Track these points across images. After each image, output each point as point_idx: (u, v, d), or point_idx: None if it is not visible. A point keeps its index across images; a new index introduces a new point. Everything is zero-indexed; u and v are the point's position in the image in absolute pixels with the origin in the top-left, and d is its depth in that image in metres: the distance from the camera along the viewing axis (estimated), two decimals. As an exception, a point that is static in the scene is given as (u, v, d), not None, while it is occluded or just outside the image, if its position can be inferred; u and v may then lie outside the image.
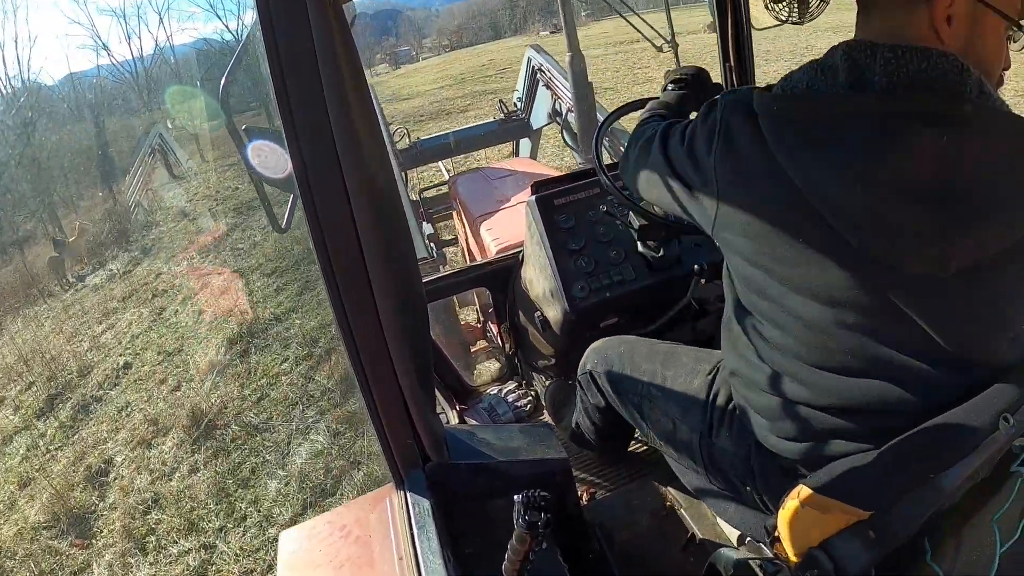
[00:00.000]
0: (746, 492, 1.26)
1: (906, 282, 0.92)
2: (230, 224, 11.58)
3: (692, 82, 1.62)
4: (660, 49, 3.29)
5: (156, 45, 24.28)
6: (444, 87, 20.94)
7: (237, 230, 11.14)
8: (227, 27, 25.35)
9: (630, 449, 2.00)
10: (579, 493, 1.79)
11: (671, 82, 1.64)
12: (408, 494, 1.14)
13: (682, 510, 1.66)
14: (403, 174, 4.85)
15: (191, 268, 9.53)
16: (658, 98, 1.63)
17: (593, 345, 1.70)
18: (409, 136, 5.49)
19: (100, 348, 7.63)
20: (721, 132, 1.02)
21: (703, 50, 12.60)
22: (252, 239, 10.41)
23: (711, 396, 1.32)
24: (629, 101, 1.80)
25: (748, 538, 1.36)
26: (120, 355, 7.12)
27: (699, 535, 1.59)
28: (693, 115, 1.15)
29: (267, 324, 6.64)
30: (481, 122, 6.05)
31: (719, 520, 1.51)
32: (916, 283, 0.92)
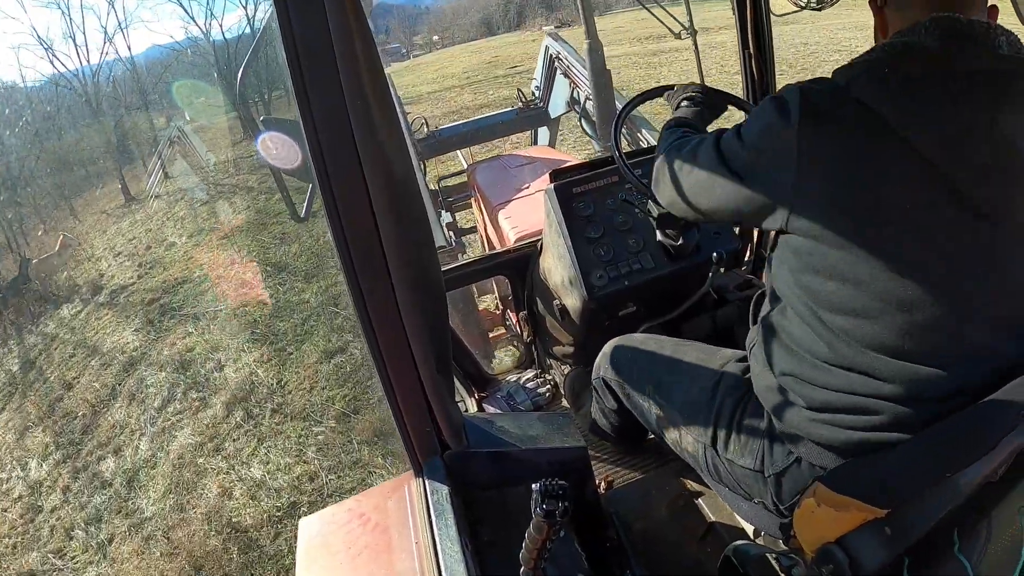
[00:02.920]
0: (755, 502, 1.25)
1: (1008, 234, 0.96)
2: (144, 341, 7.37)
3: (703, 99, 1.61)
4: (678, 36, 3.26)
5: (106, 36, 22.13)
6: (450, 88, 18.72)
7: (149, 358, 6.77)
8: (194, 20, 23.32)
9: (648, 439, 2.00)
10: (597, 482, 1.79)
11: (684, 99, 1.62)
12: (427, 481, 1.14)
13: (699, 500, 1.65)
14: (421, 163, 4.85)
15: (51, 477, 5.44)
16: (685, 118, 1.55)
17: (604, 348, 1.70)
18: (427, 125, 5.49)
19: None
20: (799, 107, 0.99)
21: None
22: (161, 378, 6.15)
23: (715, 410, 1.30)
24: (647, 89, 1.78)
25: (763, 532, 1.36)
26: None
27: (717, 526, 1.58)
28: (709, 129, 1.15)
29: None
30: (499, 111, 6.02)
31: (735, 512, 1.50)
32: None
